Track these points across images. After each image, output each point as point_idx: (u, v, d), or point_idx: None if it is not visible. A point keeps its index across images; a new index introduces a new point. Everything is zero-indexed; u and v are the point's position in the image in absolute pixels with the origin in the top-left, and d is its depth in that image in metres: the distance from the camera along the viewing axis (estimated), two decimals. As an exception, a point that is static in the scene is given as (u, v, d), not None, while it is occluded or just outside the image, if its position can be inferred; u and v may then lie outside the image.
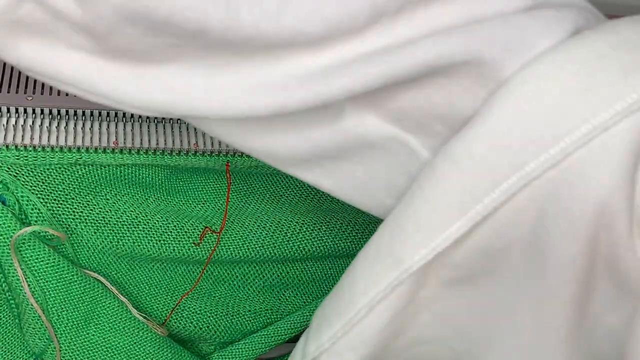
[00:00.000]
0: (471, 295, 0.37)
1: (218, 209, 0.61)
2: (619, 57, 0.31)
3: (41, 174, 0.54)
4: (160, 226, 0.59)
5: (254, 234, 0.62)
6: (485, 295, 0.37)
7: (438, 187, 0.33)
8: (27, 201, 0.54)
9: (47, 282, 0.55)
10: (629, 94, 0.29)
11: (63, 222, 0.56)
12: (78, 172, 0.55)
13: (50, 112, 0.56)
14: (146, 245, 0.59)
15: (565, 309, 0.34)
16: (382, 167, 0.38)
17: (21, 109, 0.55)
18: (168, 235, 0.60)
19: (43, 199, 0.55)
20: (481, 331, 0.38)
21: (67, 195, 0.56)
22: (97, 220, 0.57)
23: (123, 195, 0.58)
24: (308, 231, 0.63)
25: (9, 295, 0.56)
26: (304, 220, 0.63)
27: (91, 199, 0.57)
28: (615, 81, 0.30)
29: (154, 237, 0.59)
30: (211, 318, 0.63)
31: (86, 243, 0.57)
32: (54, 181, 0.55)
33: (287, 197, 0.63)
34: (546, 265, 0.34)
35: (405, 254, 0.34)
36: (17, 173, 0.53)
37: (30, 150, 0.53)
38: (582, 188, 0.31)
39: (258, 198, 0.62)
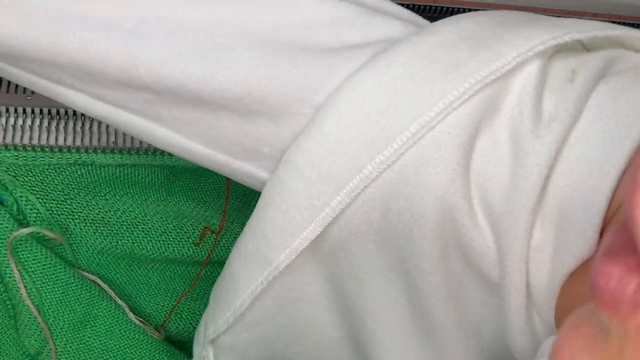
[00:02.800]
0: (351, 290, 0.39)
1: (217, 209, 0.61)
2: (440, 57, 0.32)
3: (40, 174, 0.54)
4: (160, 226, 0.59)
5: (254, 234, 0.62)
6: (363, 288, 0.39)
7: (286, 194, 0.35)
8: (26, 201, 0.54)
9: (43, 283, 0.55)
10: (450, 92, 0.31)
11: (62, 222, 0.56)
12: (77, 172, 0.55)
13: (50, 112, 0.56)
14: (145, 246, 0.59)
15: (438, 301, 0.35)
16: (239, 181, 0.41)
17: (20, 109, 0.55)
18: (167, 235, 0.60)
19: (42, 199, 0.54)
20: (372, 329, 0.40)
21: (66, 195, 0.56)
22: (96, 221, 0.57)
23: (122, 196, 0.58)
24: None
25: (6, 296, 0.55)
26: (303, 221, 0.63)
27: (90, 199, 0.57)
28: (437, 80, 0.32)
29: (154, 238, 0.59)
30: (210, 319, 0.62)
31: (85, 243, 0.57)
32: (53, 181, 0.55)
33: (286, 197, 0.63)
34: (404, 259, 0.35)
35: (271, 254, 0.37)
36: (15, 173, 0.53)
37: (29, 150, 0.53)
38: (418, 185, 0.32)
39: (257, 198, 0.62)
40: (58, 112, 0.56)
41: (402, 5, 0.65)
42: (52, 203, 0.55)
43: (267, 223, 0.37)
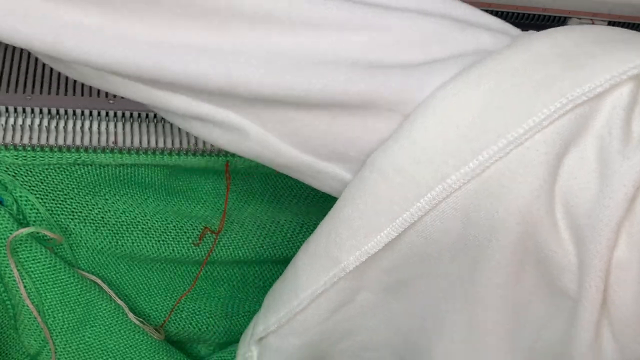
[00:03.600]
0: (410, 299, 0.39)
1: (217, 209, 0.61)
2: (531, 73, 0.33)
3: (40, 174, 0.54)
4: (160, 226, 0.59)
5: (253, 234, 0.62)
6: (422, 298, 0.39)
7: (367, 196, 0.36)
8: (26, 201, 0.54)
9: (43, 283, 0.55)
10: (541, 110, 0.31)
11: (61, 222, 0.56)
12: (77, 172, 0.55)
13: (49, 112, 0.56)
14: (145, 246, 0.59)
15: (498, 315, 0.36)
16: (315, 184, 0.41)
17: (20, 109, 0.55)
18: (167, 235, 0.60)
19: (41, 199, 0.54)
20: (421, 336, 0.41)
21: (65, 195, 0.56)
22: (96, 221, 0.57)
23: (122, 196, 0.58)
24: (307, 231, 0.64)
25: (5, 296, 0.55)
26: (303, 221, 0.64)
27: (90, 199, 0.57)
28: (527, 97, 0.32)
29: (153, 238, 0.59)
30: (210, 319, 0.62)
31: (85, 243, 0.57)
32: (53, 181, 0.55)
33: (286, 197, 0.63)
34: (475, 270, 0.35)
35: (341, 255, 0.37)
36: (15, 173, 0.53)
37: (29, 150, 0.53)
38: (501, 199, 0.32)
39: (257, 198, 0.62)
40: (58, 112, 0.56)
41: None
42: (51, 203, 0.55)
43: (342, 223, 0.37)
